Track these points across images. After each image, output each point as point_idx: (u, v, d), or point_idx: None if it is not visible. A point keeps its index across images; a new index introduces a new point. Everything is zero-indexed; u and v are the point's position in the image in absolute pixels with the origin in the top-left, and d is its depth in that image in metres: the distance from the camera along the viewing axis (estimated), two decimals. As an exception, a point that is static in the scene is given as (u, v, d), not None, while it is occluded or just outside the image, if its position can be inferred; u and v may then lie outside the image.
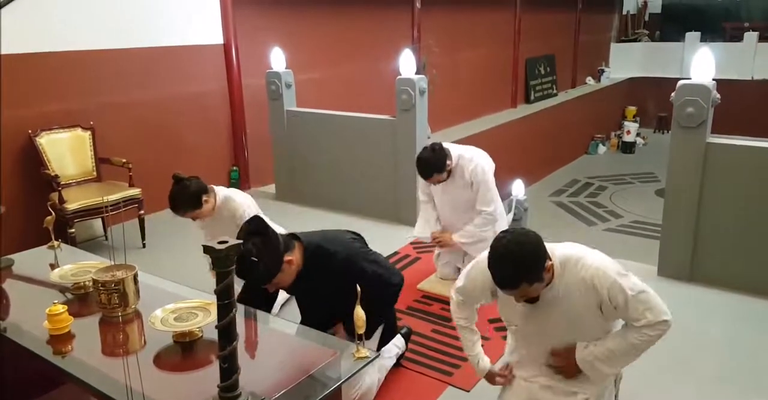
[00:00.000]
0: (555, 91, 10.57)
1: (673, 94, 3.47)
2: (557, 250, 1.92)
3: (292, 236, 2.30)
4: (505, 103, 9.55)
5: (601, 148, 11.46)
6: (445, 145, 3.40)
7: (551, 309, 1.93)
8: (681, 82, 3.47)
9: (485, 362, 2.16)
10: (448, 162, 3.27)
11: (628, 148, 11.46)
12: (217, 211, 3.04)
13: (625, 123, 11.71)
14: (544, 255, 1.81)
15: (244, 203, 3.12)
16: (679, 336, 3.14)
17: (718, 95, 3.43)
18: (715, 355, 2.98)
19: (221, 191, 3.11)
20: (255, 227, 2.06)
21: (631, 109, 12.36)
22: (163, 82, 5.13)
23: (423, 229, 3.61)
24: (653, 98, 12.04)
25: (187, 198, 2.88)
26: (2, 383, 2.12)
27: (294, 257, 2.21)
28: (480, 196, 3.40)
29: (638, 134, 11.68)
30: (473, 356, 2.16)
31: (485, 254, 1.89)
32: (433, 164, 3.24)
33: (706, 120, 3.42)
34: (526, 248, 1.76)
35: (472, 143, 8.06)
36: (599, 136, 11.52)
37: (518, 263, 1.75)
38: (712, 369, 2.86)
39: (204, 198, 2.94)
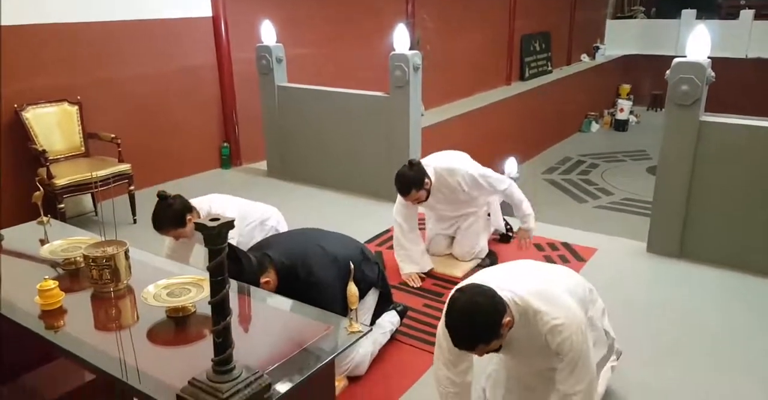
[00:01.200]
0: (550, 68, 10.51)
1: (668, 71, 3.46)
2: (521, 297, 1.88)
3: (265, 255, 2.34)
4: (500, 80, 9.50)
5: (594, 126, 11.46)
6: (423, 161, 3.40)
7: (514, 351, 1.98)
8: (676, 59, 3.46)
9: None
10: (426, 180, 3.22)
11: (621, 126, 11.47)
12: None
13: (619, 101, 11.69)
14: (500, 313, 1.79)
15: (226, 209, 3.06)
16: (667, 312, 3.19)
17: (713, 73, 3.42)
18: (703, 331, 3.02)
19: (203, 204, 3.01)
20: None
21: (625, 87, 12.33)
22: (151, 56, 5.05)
23: (411, 267, 3.51)
24: (648, 76, 12.00)
25: (170, 217, 2.78)
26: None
27: (270, 277, 2.29)
28: (493, 191, 3.48)
29: (631, 112, 11.68)
30: None
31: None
32: (412, 180, 3.18)
33: (700, 98, 3.42)
34: (481, 309, 1.75)
35: (466, 121, 8.05)
36: (593, 113, 11.51)
37: (474, 325, 1.76)
38: (700, 345, 2.90)
39: (188, 217, 2.83)
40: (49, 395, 2.12)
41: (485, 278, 1.99)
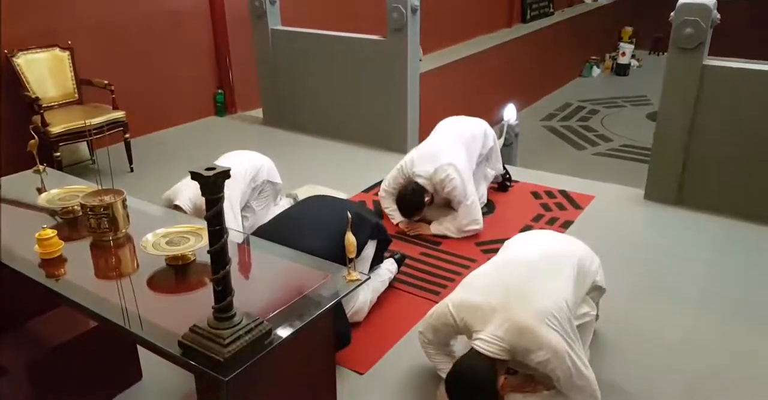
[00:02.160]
0: (552, 10, 10.22)
1: (672, 13, 3.37)
2: (509, 343, 1.95)
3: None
4: (501, 22, 9.24)
5: (595, 71, 11.26)
6: (419, 158, 3.40)
7: None
8: (681, 1, 3.37)
9: None
10: (426, 198, 3.34)
11: (622, 70, 11.26)
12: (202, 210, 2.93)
13: (621, 44, 11.43)
14: (495, 382, 1.94)
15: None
16: (662, 259, 3.24)
17: (718, 15, 3.33)
18: (698, 277, 3.07)
19: (184, 192, 3.02)
20: None
21: (628, 30, 12.03)
22: (142, -2, 4.90)
23: (400, 215, 3.56)
24: (651, 18, 11.66)
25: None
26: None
27: None
28: (462, 216, 3.39)
29: (633, 56, 11.44)
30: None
31: (442, 305, 2.12)
32: (414, 205, 3.35)
33: (704, 41, 3.35)
34: (480, 392, 1.93)
35: (465, 67, 7.88)
36: (594, 58, 11.28)
37: None
38: (694, 291, 2.96)
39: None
40: (51, 342, 2.17)
41: (477, 302, 2.06)
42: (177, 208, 2.98)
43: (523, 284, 2.09)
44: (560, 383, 2.00)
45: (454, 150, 3.44)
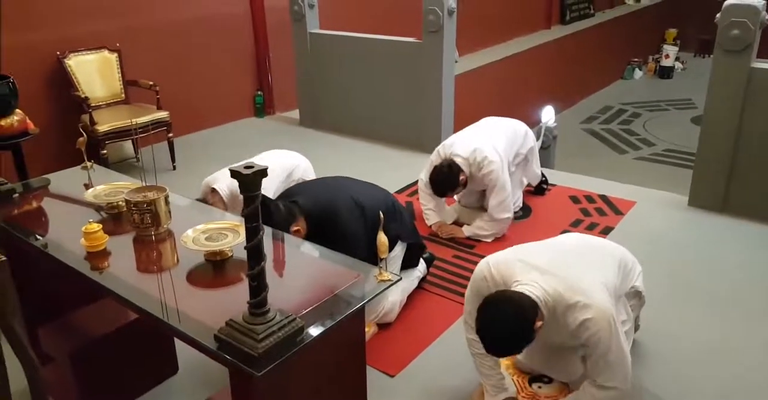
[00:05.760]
0: (592, 11, 10.06)
1: (718, 14, 3.29)
2: (552, 295, 1.85)
3: (293, 202, 2.44)
4: (540, 23, 9.14)
5: (638, 73, 11.02)
6: (459, 140, 3.34)
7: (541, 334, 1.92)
8: (728, 1, 3.28)
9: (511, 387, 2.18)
10: (461, 178, 3.25)
11: (665, 73, 11.00)
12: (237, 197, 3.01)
13: (664, 46, 11.16)
14: (531, 322, 1.78)
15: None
16: (706, 267, 3.15)
17: (768, 16, 3.24)
18: (743, 287, 2.98)
19: (223, 178, 3.07)
20: None
21: (672, 32, 11.74)
22: (184, 2, 5.01)
23: (435, 217, 3.55)
24: (696, 19, 11.37)
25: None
26: (44, 296, 2.24)
27: (300, 226, 2.39)
28: (494, 201, 3.33)
29: (677, 58, 11.16)
30: (494, 377, 2.13)
31: (481, 262, 2.04)
32: (448, 184, 3.25)
33: (753, 43, 3.25)
34: (512, 323, 1.77)
35: (502, 68, 7.81)
36: (636, 60, 11.04)
37: (506, 338, 1.79)
38: (740, 301, 2.87)
39: (210, 201, 2.98)
40: (93, 333, 2.24)
41: (517, 258, 2.00)
42: (213, 191, 3.05)
43: (570, 259, 2.01)
44: (595, 353, 1.86)
45: (495, 136, 3.42)
